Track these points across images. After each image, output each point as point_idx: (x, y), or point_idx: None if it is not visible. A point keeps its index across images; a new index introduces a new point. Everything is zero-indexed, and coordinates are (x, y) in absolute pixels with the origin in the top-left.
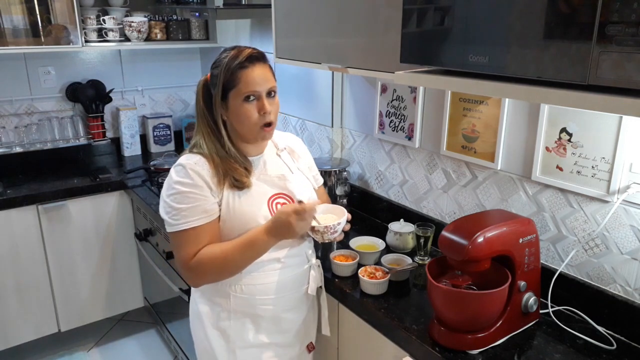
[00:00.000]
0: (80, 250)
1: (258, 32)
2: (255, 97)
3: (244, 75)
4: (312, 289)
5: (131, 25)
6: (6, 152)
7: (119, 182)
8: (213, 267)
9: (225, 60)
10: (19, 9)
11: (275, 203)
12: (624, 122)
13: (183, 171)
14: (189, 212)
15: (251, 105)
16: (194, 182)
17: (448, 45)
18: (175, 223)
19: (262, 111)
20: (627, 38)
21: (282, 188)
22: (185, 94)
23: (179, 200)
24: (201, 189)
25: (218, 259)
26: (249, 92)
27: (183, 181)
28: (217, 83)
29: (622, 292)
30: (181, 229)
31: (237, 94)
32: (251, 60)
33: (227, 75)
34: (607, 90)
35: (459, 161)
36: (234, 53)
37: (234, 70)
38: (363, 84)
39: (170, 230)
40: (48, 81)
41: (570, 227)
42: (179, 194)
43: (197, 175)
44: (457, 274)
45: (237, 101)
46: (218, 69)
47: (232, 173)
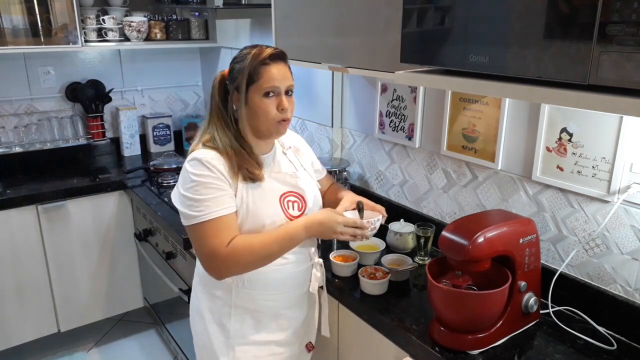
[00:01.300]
0: (80, 251)
1: (258, 32)
2: (275, 94)
3: (266, 71)
4: (313, 288)
5: (131, 25)
6: (6, 152)
7: (119, 182)
8: (249, 256)
9: (248, 56)
10: (18, 8)
11: (287, 200)
12: (624, 122)
13: (200, 164)
14: (213, 202)
15: (270, 101)
16: (214, 174)
17: (448, 45)
18: (199, 214)
19: (280, 107)
20: (628, 38)
21: (293, 186)
22: (185, 93)
23: (200, 191)
24: (221, 180)
25: (256, 248)
26: (269, 87)
27: (202, 173)
28: (238, 77)
29: (623, 292)
30: (208, 218)
31: (258, 89)
32: (273, 57)
33: (250, 71)
34: (607, 90)
35: (459, 161)
36: (257, 50)
37: (257, 66)
38: (363, 83)
39: (194, 222)
40: (48, 81)
41: (571, 227)
42: (199, 185)
43: (214, 168)
44: (458, 274)
45: (257, 96)
46: (240, 64)
47: (246, 165)
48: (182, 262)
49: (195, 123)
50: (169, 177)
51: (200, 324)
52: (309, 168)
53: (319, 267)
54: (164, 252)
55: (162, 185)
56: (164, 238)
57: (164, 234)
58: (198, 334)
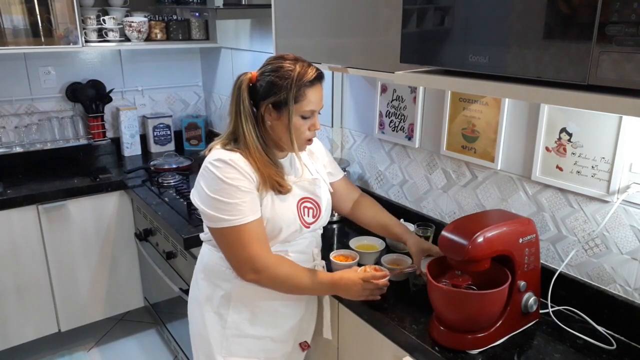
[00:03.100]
0: (81, 250)
1: (258, 32)
2: (311, 115)
3: (309, 94)
4: None
5: (131, 25)
6: (6, 152)
7: (119, 182)
8: (287, 276)
9: (293, 74)
10: (19, 9)
11: (303, 207)
12: (624, 122)
13: (228, 166)
14: (246, 207)
15: (305, 122)
16: (244, 176)
17: (448, 45)
18: (232, 218)
19: (312, 128)
20: (627, 38)
21: (311, 192)
22: (185, 94)
23: (232, 194)
24: (251, 182)
25: (291, 279)
26: (309, 110)
27: (232, 176)
28: (278, 93)
29: (622, 292)
30: (243, 222)
31: (298, 110)
32: (318, 79)
33: (292, 90)
34: (607, 90)
35: (458, 161)
36: (301, 70)
37: (300, 87)
38: (363, 84)
39: (225, 225)
40: (48, 81)
41: (570, 227)
42: (231, 187)
43: (243, 170)
44: (457, 274)
45: (294, 115)
46: (282, 81)
47: (275, 177)
48: (183, 261)
49: (195, 123)
50: (170, 177)
51: (198, 312)
52: (322, 171)
53: (321, 268)
54: (164, 252)
55: (162, 185)
56: (164, 238)
57: (165, 233)
58: (195, 322)
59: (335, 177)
